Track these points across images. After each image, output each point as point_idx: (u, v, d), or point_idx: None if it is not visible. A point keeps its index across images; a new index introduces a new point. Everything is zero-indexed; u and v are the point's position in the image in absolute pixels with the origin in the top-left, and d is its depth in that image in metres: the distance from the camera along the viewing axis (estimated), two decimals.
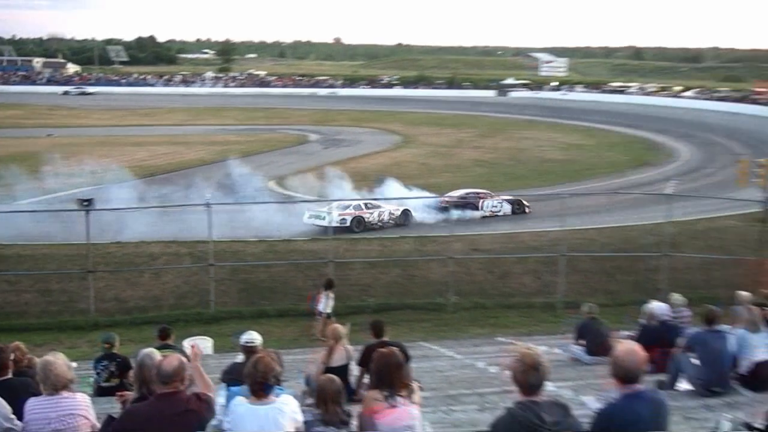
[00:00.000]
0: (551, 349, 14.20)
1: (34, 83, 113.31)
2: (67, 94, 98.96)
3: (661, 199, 22.62)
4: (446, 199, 29.31)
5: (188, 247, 21.99)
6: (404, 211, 27.93)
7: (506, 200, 30.39)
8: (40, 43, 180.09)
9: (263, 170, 39.34)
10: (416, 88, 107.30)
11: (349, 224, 26.40)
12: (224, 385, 7.25)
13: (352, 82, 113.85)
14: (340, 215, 26.13)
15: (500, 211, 29.99)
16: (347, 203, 27.42)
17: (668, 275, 19.96)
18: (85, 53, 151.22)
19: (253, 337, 8.50)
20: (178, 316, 18.61)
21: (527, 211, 30.29)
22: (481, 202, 29.92)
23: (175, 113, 75.76)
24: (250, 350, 8.00)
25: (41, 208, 26.02)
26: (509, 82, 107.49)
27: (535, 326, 18.60)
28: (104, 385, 9.54)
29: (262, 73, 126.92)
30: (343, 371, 8.51)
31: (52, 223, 23.46)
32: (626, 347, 4.46)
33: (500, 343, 15.76)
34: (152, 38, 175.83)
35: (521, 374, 4.06)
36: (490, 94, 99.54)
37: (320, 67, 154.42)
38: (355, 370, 8.89)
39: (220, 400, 6.40)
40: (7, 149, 45.67)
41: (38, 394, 5.48)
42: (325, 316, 16.53)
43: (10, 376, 6.31)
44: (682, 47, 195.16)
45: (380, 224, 27.52)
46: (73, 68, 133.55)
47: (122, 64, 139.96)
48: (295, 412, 5.27)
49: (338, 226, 25.43)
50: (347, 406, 6.24)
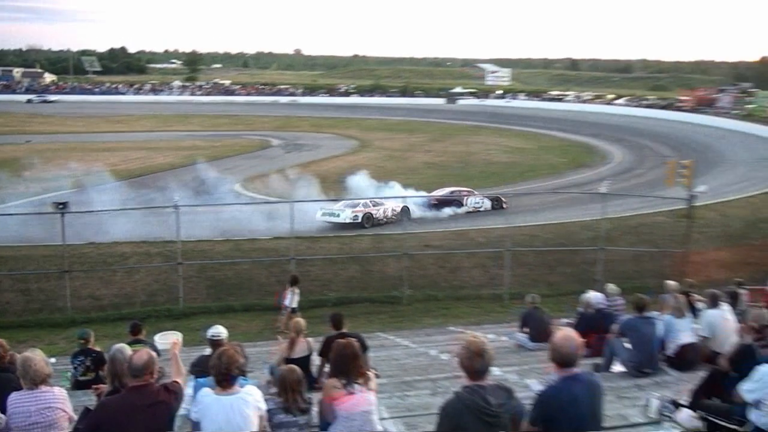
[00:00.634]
0: (498, 336, 14.32)
1: (14, 92, 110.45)
2: (30, 102, 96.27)
3: (596, 197, 22.91)
4: (436, 196, 30.03)
5: (158, 247, 21.69)
6: (404, 207, 28.00)
7: (487, 197, 31.08)
8: (20, 53, 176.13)
9: (230, 173, 39.23)
10: (372, 96, 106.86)
11: (360, 221, 26.58)
12: (192, 376, 7.18)
13: (311, 90, 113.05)
14: (353, 212, 26.56)
15: (482, 206, 30.52)
16: (356, 201, 27.65)
17: (604, 267, 20.24)
18: (61, 63, 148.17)
19: (219, 331, 8.42)
20: (149, 312, 18.40)
21: (504, 206, 30.77)
22: (465, 199, 30.43)
23: (144, 120, 74.55)
24: (216, 343, 7.94)
25: (20, 211, 25.43)
26: (458, 90, 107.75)
27: (483, 316, 18.69)
28: (81, 379, 9.40)
29: (226, 82, 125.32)
30: (304, 362, 8.47)
31: (33, 225, 22.98)
32: (564, 334, 4.49)
33: (451, 332, 15.87)
34: (123, 49, 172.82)
35: (467, 360, 4.07)
36: (440, 101, 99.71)
37: (282, 76, 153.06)
38: (316, 360, 8.86)
39: (188, 390, 6.33)
40: None
41: (20, 388, 5.41)
42: (290, 310, 16.42)
43: None
44: (614, 59, 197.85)
45: (385, 220, 27.74)
46: (49, 78, 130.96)
47: (96, 73, 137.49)
48: (258, 401, 5.25)
49: (351, 222, 26.15)
50: (308, 394, 6.23)
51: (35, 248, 21.33)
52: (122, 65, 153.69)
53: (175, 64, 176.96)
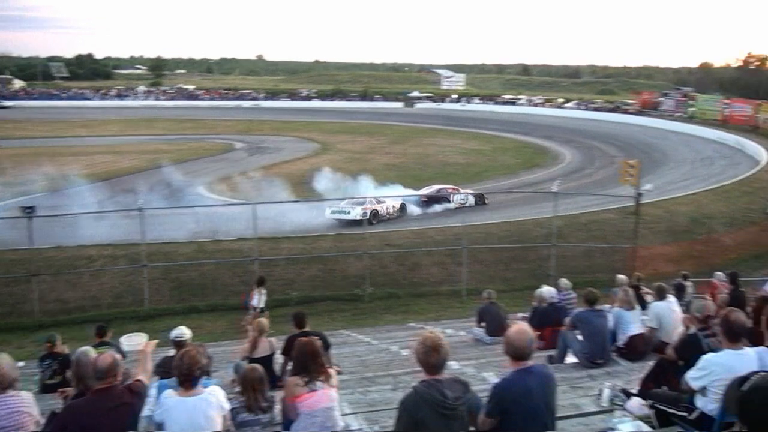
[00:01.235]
0: (456, 331, 14.35)
1: None
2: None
3: (549, 196, 23.12)
4: (426, 194, 30.67)
5: (124, 249, 21.36)
6: (402, 204, 29.03)
7: (471, 194, 31.62)
8: None
9: (195, 176, 38.84)
10: (332, 100, 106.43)
11: (368, 217, 26.62)
12: (156, 378, 7.04)
13: (273, 95, 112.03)
14: (362, 209, 26.89)
15: (467, 203, 30.88)
16: (361, 199, 28.02)
17: (557, 263, 20.48)
18: (30, 70, 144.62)
19: (182, 332, 8.29)
20: (115, 314, 18.18)
21: (486, 202, 31.40)
22: (451, 195, 30.91)
23: (110, 124, 73.15)
24: (179, 344, 7.81)
25: None
26: (415, 94, 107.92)
27: (442, 312, 18.75)
28: (48, 382, 9.25)
29: (190, 86, 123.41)
30: (267, 361, 8.35)
31: (4, 230, 22.45)
32: (517, 328, 4.48)
33: (412, 328, 15.86)
34: (90, 56, 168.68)
35: (424, 355, 4.03)
36: (398, 105, 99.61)
37: (244, 81, 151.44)
38: (279, 359, 8.76)
39: (152, 391, 6.20)
40: None
41: None
42: (258, 310, 16.27)
43: None
44: (563, 64, 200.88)
45: (387, 216, 28.31)
46: (19, 84, 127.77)
47: (63, 79, 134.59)
48: (221, 401, 5.15)
49: (360, 219, 26.18)
50: (271, 392, 6.14)
51: (2, 252, 20.86)
52: (89, 71, 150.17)
53: (140, 69, 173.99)
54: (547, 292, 11.34)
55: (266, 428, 5.73)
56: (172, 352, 8.06)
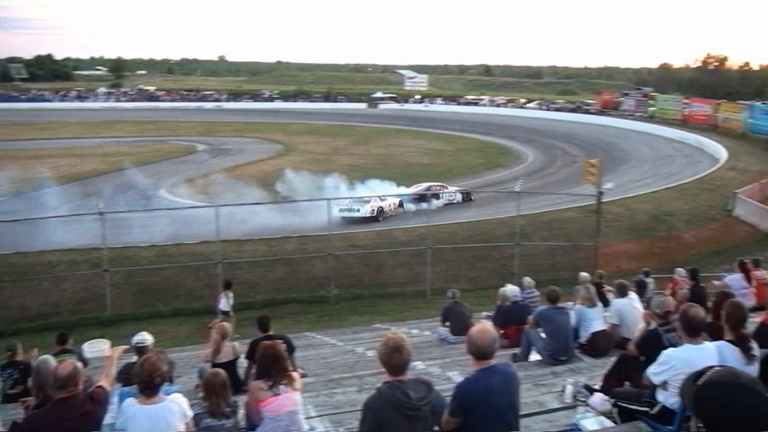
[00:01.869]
0: (422, 331, 14.38)
1: None
2: None
3: (512, 195, 23.31)
4: (417, 192, 31.40)
5: (85, 254, 21.02)
6: (400, 201, 30.18)
7: (458, 191, 32.75)
8: None
9: (157, 179, 38.37)
10: (295, 101, 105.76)
11: (375, 214, 28.22)
12: (119, 385, 6.93)
13: (236, 96, 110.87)
14: (371, 207, 28.22)
15: (455, 199, 31.91)
16: (367, 198, 29.18)
17: (520, 261, 20.66)
18: None
19: (144, 337, 8.17)
20: (77, 320, 17.94)
21: (473, 198, 32.35)
22: (440, 192, 31.72)
23: (70, 127, 71.68)
24: (141, 350, 7.69)
25: None
26: (378, 95, 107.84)
27: (408, 312, 18.78)
28: (10, 392, 9.03)
29: (151, 88, 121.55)
30: (230, 366, 8.25)
31: None
32: (479, 328, 4.49)
33: (377, 329, 15.84)
34: (50, 56, 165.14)
35: (386, 356, 4.02)
36: (361, 106, 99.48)
37: (206, 82, 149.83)
38: (244, 363, 8.67)
39: (114, 399, 6.09)
40: None
41: None
42: (226, 314, 16.13)
43: None
44: (525, 65, 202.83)
45: (390, 213, 29.29)
46: None
47: (22, 80, 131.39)
48: (184, 408, 5.07)
49: (368, 216, 27.87)
50: (235, 397, 6.08)
51: None
52: (49, 72, 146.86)
53: (100, 70, 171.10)
54: (510, 290, 11.40)
55: None
56: (134, 358, 7.93)
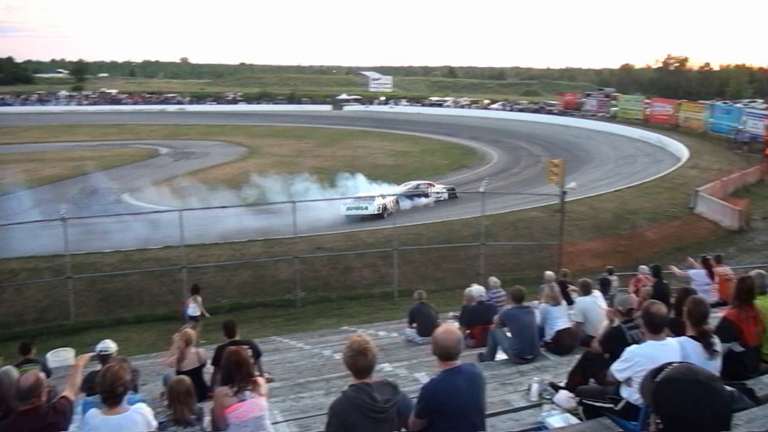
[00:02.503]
0: (389, 333, 14.39)
1: None
2: None
3: (476, 196, 23.41)
4: (407, 190, 32.43)
5: (47, 261, 20.64)
6: (396, 199, 30.62)
7: (445, 188, 33.55)
8: None
9: (120, 183, 37.90)
10: (259, 103, 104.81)
11: (381, 212, 28.89)
12: (83, 394, 6.80)
13: (199, 98, 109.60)
14: (377, 204, 29.01)
15: (442, 196, 32.57)
16: (371, 196, 29.91)
17: (486, 261, 20.80)
18: None
19: (107, 345, 8.04)
20: (41, 329, 17.72)
21: (457, 195, 32.95)
22: (429, 190, 32.69)
23: (31, 131, 70.19)
24: (105, 359, 7.56)
25: None
26: (343, 97, 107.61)
27: (375, 314, 18.79)
28: None
29: (113, 91, 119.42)
30: (196, 374, 8.14)
31: None
32: (444, 329, 4.50)
33: (345, 331, 15.81)
34: (10, 59, 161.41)
35: (351, 359, 4.01)
36: (326, 108, 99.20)
37: (169, 85, 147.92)
38: (210, 369, 8.57)
39: (78, 409, 5.98)
40: None
41: None
42: (195, 319, 15.98)
43: None
44: (488, 66, 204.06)
45: (391, 210, 29.54)
46: None
47: None
48: (148, 418, 4.99)
49: (375, 213, 28.58)
50: (201, 404, 6.01)
51: None
52: (9, 75, 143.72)
53: (62, 73, 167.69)
54: (476, 291, 11.44)
55: None
56: (99, 366, 7.79)
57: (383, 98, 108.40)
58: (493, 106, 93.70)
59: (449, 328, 4.53)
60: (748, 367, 5.95)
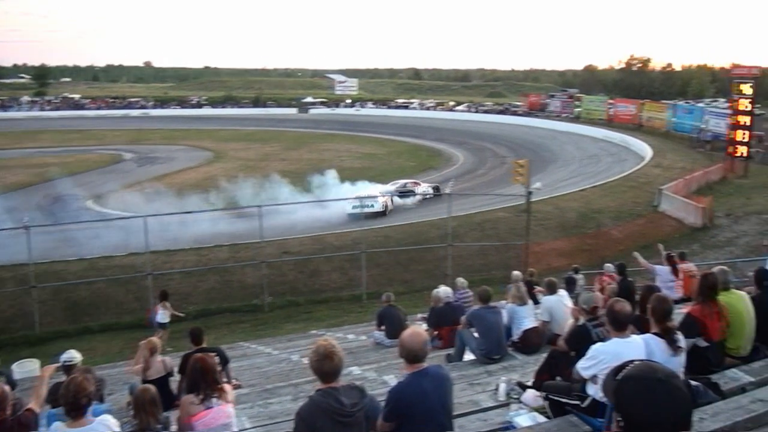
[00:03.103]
0: (358, 336, 14.37)
1: None
2: None
3: (443, 197, 23.53)
4: (397, 189, 33.64)
5: (10, 270, 20.23)
6: (391, 197, 32.01)
7: (431, 186, 34.76)
8: None
9: (83, 189, 37.33)
10: (224, 107, 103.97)
11: (383, 209, 30.21)
12: (48, 406, 6.67)
13: (163, 102, 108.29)
14: (382, 202, 30.39)
15: (428, 194, 33.56)
16: (375, 195, 30.91)
17: (453, 262, 20.89)
18: None
19: (72, 355, 7.91)
20: (5, 340, 17.39)
21: (441, 193, 33.13)
22: (416, 188, 34.32)
23: None
24: (70, 369, 7.43)
25: None
26: (309, 100, 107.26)
27: (344, 317, 18.77)
28: None
29: (76, 96, 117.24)
30: (162, 382, 8.02)
31: None
32: (410, 331, 4.49)
33: (313, 335, 15.72)
34: None
35: (317, 363, 3.98)
36: (292, 111, 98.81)
37: (132, 89, 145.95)
38: (177, 377, 8.46)
39: (43, 421, 5.86)
40: None
41: None
42: (163, 327, 15.77)
43: None
44: (453, 68, 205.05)
45: (389, 207, 31.15)
46: None
47: None
48: (114, 430, 4.88)
49: (380, 211, 29.79)
50: (168, 413, 5.94)
51: None
52: None
53: (24, 78, 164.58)
54: (443, 292, 11.47)
55: None
56: (64, 377, 7.64)
57: (349, 101, 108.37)
58: (458, 107, 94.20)
59: (415, 330, 4.53)
60: (712, 361, 6.05)
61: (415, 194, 33.46)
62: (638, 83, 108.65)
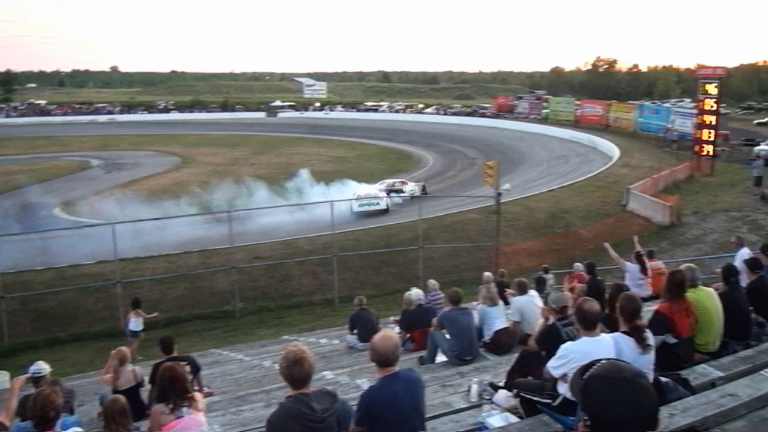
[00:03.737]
0: (330, 340, 14.31)
1: None
2: None
3: (414, 199, 23.57)
4: (386, 188, 34.41)
5: None
6: (388, 195, 32.74)
7: (416, 185, 35.68)
8: None
9: (50, 197, 36.85)
10: (192, 112, 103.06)
11: (387, 207, 30.97)
12: (18, 419, 6.55)
13: (130, 108, 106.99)
14: (385, 201, 31.23)
15: (415, 192, 34.16)
16: (377, 195, 31.94)
17: (424, 264, 20.92)
18: None
19: (40, 367, 7.78)
20: None
21: (427, 192, 34.94)
22: (404, 187, 35.16)
23: None
24: (38, 381, 7.31)
25: None
26: (277, 104, 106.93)
27: (316, 321, 18.66)
28: None
29: (42, 101, 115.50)
30: (133, 393, 7.92)
31: None
32: (381, 335, 4.49)
33: (285, 341, 15.63)
34: None
35: (287, 369, 3.96)
36: (260, 115, 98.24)
37: (99, 94, 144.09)
38: (148, 387, 8.36)
39: None
40: None
41: None
42: (136, 335, 15.56)
43: None
44: (422, 71, 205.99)
45: (389, 205, 31.68)
46: None
47: None
48: None
49: (384, 208, 30.51)
50: (139, 423, 5.86)
51: None
52: None
53: None
54: (415, 294, 11.48)
55: None
56: (33, 389, 7.51)
57: (318, 104, 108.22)
58: (427, 110, 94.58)
59: (387, 334, 4.53)
60: (682, 357, 6.14)
61: (403, 193, 34.03)
62: (605, 84, 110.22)
